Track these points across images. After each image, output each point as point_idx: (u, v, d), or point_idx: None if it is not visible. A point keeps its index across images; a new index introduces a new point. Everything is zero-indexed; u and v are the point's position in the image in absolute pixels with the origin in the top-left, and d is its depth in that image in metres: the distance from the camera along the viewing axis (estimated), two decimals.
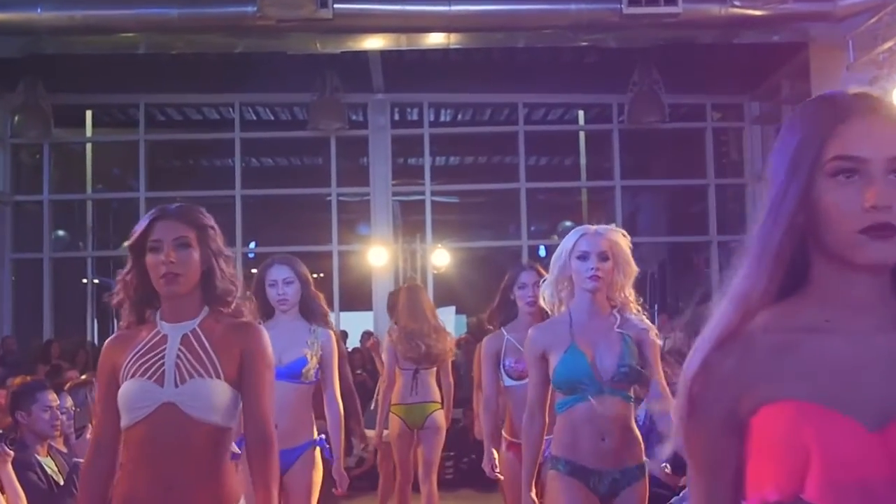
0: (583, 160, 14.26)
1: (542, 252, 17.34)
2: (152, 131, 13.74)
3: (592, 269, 3.68)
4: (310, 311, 4.79)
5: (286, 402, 4.43)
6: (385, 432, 7.11)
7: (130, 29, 9.45)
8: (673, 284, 15.39)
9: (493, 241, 16.38)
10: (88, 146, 13.72)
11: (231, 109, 13.36)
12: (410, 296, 7.02)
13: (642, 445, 3.79)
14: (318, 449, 4.69)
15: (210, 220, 2.85)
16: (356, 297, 13.59)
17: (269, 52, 11.19)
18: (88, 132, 13.76)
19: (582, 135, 14.19)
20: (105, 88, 12.77)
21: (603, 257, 3.71)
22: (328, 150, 13.14)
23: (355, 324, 12.82)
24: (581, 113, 14.11)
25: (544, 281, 4.41)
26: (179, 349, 2.71)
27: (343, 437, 4.88)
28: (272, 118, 14.29)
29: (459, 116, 14.33)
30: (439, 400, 7.01)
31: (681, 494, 5.12)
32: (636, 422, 3.87)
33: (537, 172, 14.66)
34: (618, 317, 3.75)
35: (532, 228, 13.54)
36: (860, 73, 8.77)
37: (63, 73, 11.89)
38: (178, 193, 15.45)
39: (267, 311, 4.75)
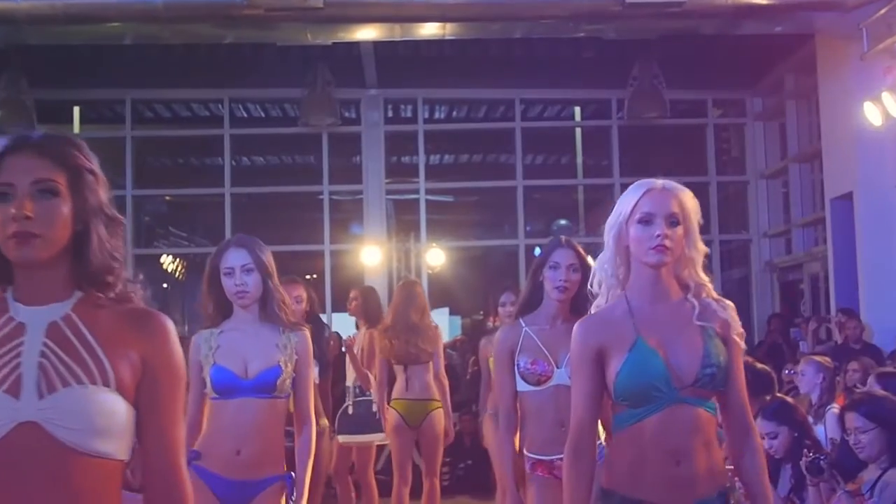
0: (580, 158, 14.00)
1: (537, 252, 17.14)
2: (140, 128, 13.42)
3: (659, 235, 2.75)
4: (268, 310, 3.96)
5: (256, 423, 3.83)
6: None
7: (114, 18, 9.10)
8: None
9: (490, 241, 16.14)
10: None
11: (220, 106, 13.05)
12: (401, 292, 7.09)
13: (726, 464, 2.94)
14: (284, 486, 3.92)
15: (92, 162, 1.97)
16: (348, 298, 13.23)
17: (259, 43, 10.94)
18: (76, 128, 13.42)
19: (580, 131, 13.92)
20: (91, 83, 12.43)
21: (672, 221, 2.79)
22: (320, 148, 12.84)
23: (347, 325, 12.49)
24: (577, 109, 13.82)
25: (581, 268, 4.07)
26: (45, 343, 1.83)
27: (311, 469, 4.02)
28: (263, 115, 14.00)
29: (454, 113, 14.04)
30: (438, 398, 6.89)
31: None
32: None
33: (534, 171, 14.41)
34: (695, 303, 2.83)
35: (528, 228, 13.24)
36: (874, 62, 8.48)
37: (47, 68, 11.57)
38: (167, 191, 15.25)
39: (223, 309, 3.99)
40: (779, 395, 5.09)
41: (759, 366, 5.21)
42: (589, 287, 3.02)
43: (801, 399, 5.73)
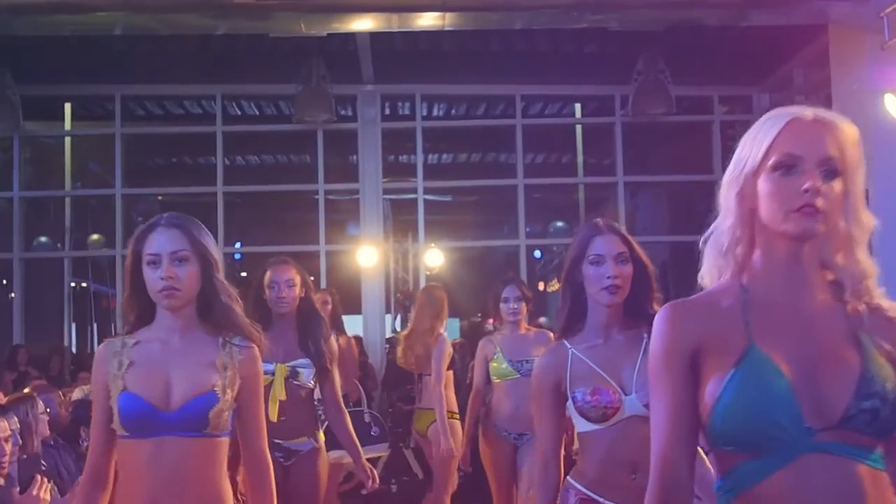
0: (580, 157, 13.67)
1: (537, 254, 16.86)
2: (131, 125, 13.09)
3: (807, 190, 1.78)
4: (212, 316, 2.95)
5: (181, 472, 2.79)
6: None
7: (103, 7, 8.78)
8: (676, 287, 14.76)
9: (490, 241, 15.86)
10: (67, 141, 13.03)
11: (213, 102, 12.70)
12: (419, 297, 7.14)
13: None
14: None
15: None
16: (345, 300, 12.88)
17: (252, 37, 10.62)
18: (67, 125, 13.08)
19: (582, 129, 13.58)
20: (79, 79, 12.11)
21: (828, 169, 1.82)
22: (315, 145, 12.51)
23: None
24: (578, 106, 13.49)
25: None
26: None
27: None
28: (256, 113, 13.67)
29: (453, 111, 13.71)
30: (425, 404, 6.57)
31: None
32: None
33: (534, 170, 14.11)
34: (857, 305, 1.82)
35: (527, 229, 12.91)
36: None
37: (34, 63, 11.27)
38: (157, 190, 14.92)
39: (149, 313, 2.97)
40: None
41: None
42: (699, 280, 2.01)
43: None
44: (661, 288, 3.28)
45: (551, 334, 5.76)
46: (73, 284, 14.30)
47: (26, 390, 5.45)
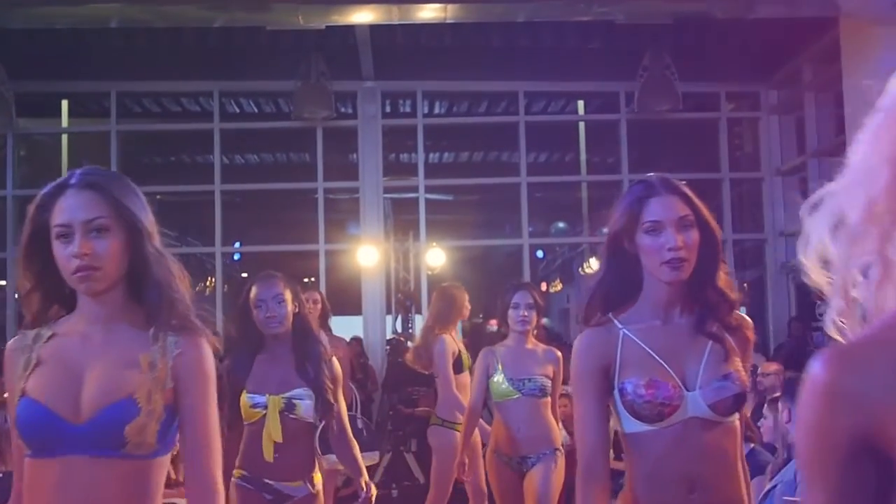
0: (584, 155, 13.45)
1: (540, 254, 16.67)
2: (127, 122, 12.88)
3: None
4: (145, 301, 2.23)
5: (92, 502, 2.12)
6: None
7: None
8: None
9: (493, 240, 15.65)
10: (64, 138, 12.80)
11: (210, 99, 12.48)
12: (433, 295, 6.69)
13: None
14: None
15: None
16: (344, 300, 12.74)
17: (250, 31, 10.42)
18: (64, 122, 12.86)
19: (586, 126, 13.36)
20: (74, 75, 11.89)
21: None
22: (314, 143, 12.29)
23: (343, 329, 11.99)
24: (581, 103, 13.27)
25: None
26: None
27: None
28: (255, 110, 13.46)
29: (455, 108, 13.50)
30: (442, 414, 6.21)
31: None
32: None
33: (537, 169, 13.92)
34: None
35: (530, 229, 12.70)
36: None
37: (28, 59, 11.05)
38: (154, 189, 14.67)
39: (61, 300, 2.30)
40: None
41: None
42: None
43: None
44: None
45: (559, 354, 5.50)
46: None
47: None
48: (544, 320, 5.94)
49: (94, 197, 2.18)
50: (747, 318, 2.69)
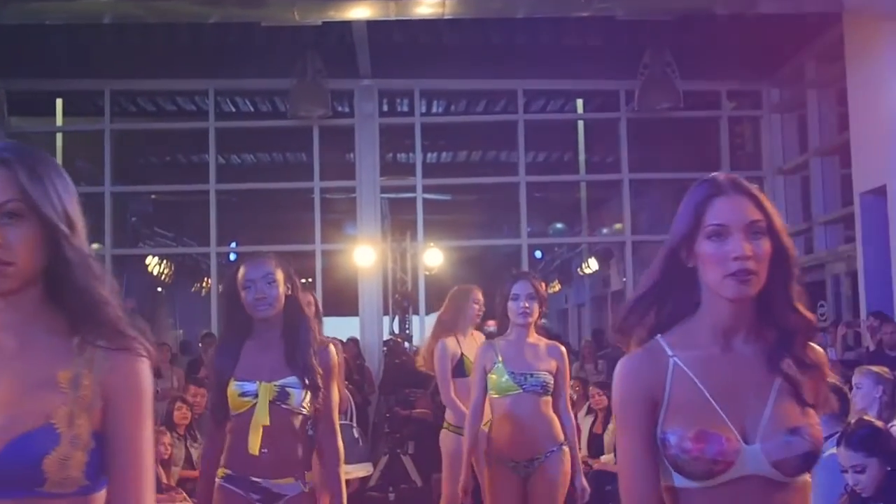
0: (582, 155, 13.33)
1: (538, 255, 16.53)
2: (122, 121, 12.75)
3: None
4: (64, 303, 1.74)
5: None
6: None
7: None
8: None
9: (492, 241, 15.53)
10: (59, 137, 12.66)
11: (205, 98, 12.34)
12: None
13: None
14: None
15: None
16: (341, 301, 12.62)
17: (245, 28, 10.27)
18: (59, 121, 12.72)
19: (585, 125, 13.23)
20: (68, 73, 11.75)
21: None
22: (310, 142, 12.16)
23: (340, 330, 11.87)
24: (580, 102, 13.14)
25: None
26: None
27: None
28: (251, 109, 13.33)
29: (453, 107, 13.36)
30: (449, 419, 5.96)
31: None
32: None
33: (536, 168, 13.80)
34: None
35: (528, 229, 12.57)
36: None
37: (20, 57, 10.91)
38: (149, 188, 14.60)
39: None
40: (866, 418, 4.31)
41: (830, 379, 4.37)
42: None
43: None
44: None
45: (563, 348, 5.14)
46: None
47: None
48: (543, 321, 5.53)
49: (5, 175, 1.70)
50: (822, 351, 2.14)
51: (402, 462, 9.34)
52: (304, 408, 3.72)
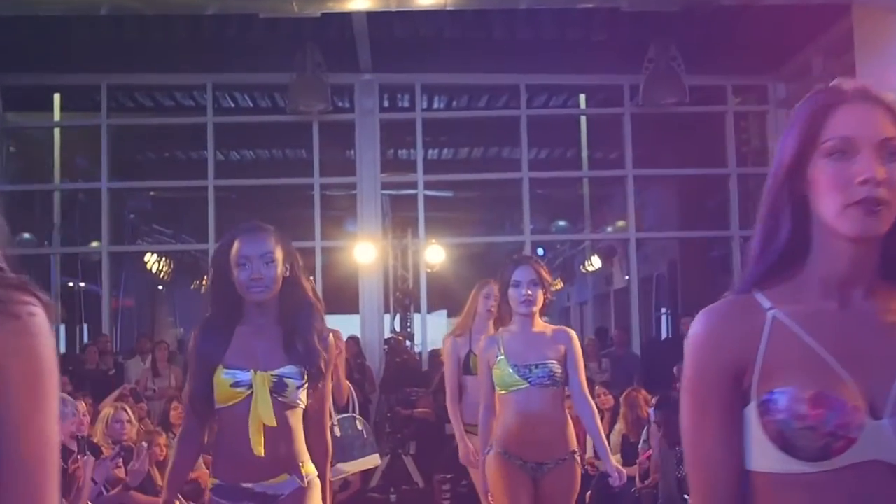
0: (585, 151, 13.16)
1: (540, 252, 16.37)
2: (119, 116, 12.61)
3: None
4: None
5: None
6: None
7: None
8: (686, 285, 14.28)
9: (494, 237, 15.39)
10: (56, 133, 12.50)
11: (203, 93, 12.18)
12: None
13: None
14: None
15: None
16: (341, 299, 12.46)
17: (243, 18, 10.11)
18: (56, 116, 12.56)
19: (588, 121, 13.06)
20: (64, 67, 11.58)
21: None
22: (310, 138, 12.00)
23: (341, 328, 11.72)
24: (583, 97, 12.97)
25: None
26: None
27: None
28: (250, 104, 13.17)
29: (454, 102, 13.20)
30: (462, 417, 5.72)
31: None
32: None
33: (538, 165, 13.64)
34: None
35: (531, 226, 12.42)
36: None
37: (15, 51, 10.77)
38: (146, 184, 14.44)
39: None
40: None
41: None
42: None
43: None
44: (668, 284, 2.18)
45: (572, 331, 4.77)
46: (70, 284, 13.94)
47: None
48: (544, 319, 5.19)
49: None
50: None
51: (404, 462, 9.20)
52: (302, 400, 3.33)
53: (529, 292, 4.55)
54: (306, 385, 3.31)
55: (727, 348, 1.54)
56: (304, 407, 3.35)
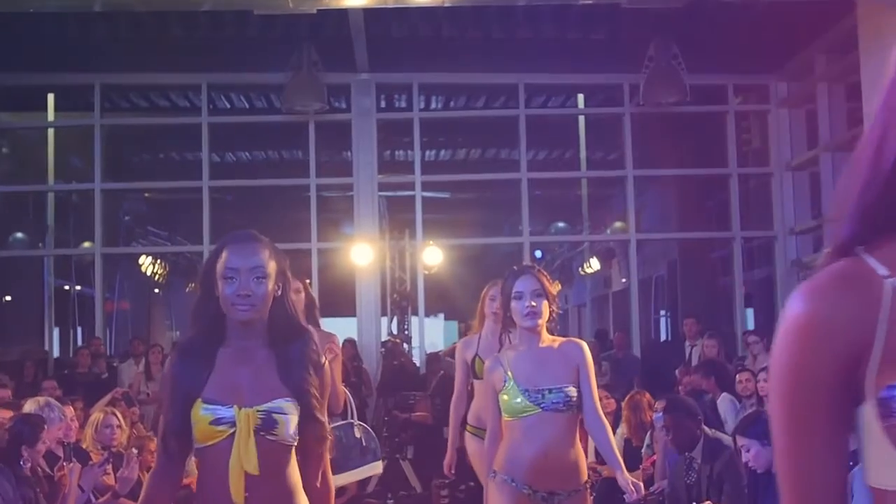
0: (583, 152, 13.04)
1: (538, 254, 16.24)
2: (114, 117, 12.46)
3: None
4: None
5: None
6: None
7: None
8: (686, 287, 14.16)
9: (493, 238, 15.25)
10: (50, 133, 12.34)
11: (198, 94, 12.03)
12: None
13: None
14: None
15: None
16: (338, 301, 12.33)
17: (239, 16, 9.99)
18: (50, 116, 12.41)
19: (587, 121, 12.93)
20: (57, 67, 11.43)
21: None
22: (306, 138, 11.86)
23: (337, 331, 11.56)
24: (581, 97, 12.84)
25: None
26: None
27: None
28: (246, 105, 13.03)
29: (452, 103, 13.07)
30: (470, 420, 5.55)
31: None
32: None
33: (536, 166, 13.52)
34: None
35: (529, 228, 12.29)
36: None
37: (6, 48, 10.61)
38: (140, 185, 14.29)
39: None
40: None
41: None
42: None
43: None
44: (668, 286, 1.93)
45: (583, 343, 4.34)
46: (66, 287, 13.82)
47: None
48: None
49: None
50: None
51: (401, 467, 9.05)
52: (294, 438, 2.86)
53: (534, 303, 4.15)
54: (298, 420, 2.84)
55: (839, 333, 1.16)
56: (295, 444, 2.87)
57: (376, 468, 5.56)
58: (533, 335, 4.20)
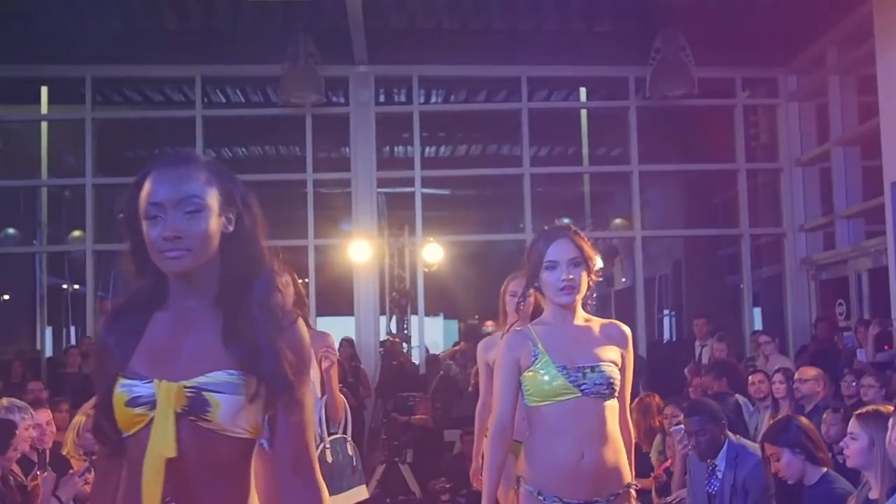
0: (586, 148, 12.76)
1: None
2: (106, 110, 12.20)
3: None
4: None
5: None
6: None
7: None
8: (692, 286, 13.92)
9: (495, 235, 15.02)
10: (43, 127, 12.07)
11: (192, 85, 11.76)
12: None
13: None
14: None
15: None
16: (336, 299, 12.08)
17: (233, 7, 9.74)
18: (44, 109, 12.14)
19: (591, 115, 12.65)
20: (49, 59, 11.17)
21: None
22: (303, 132, 11.60)
23: (334, 330, 11.32)
24: (583, 90, 12.57)
25: None
26: None
27: None
28: (241, 99, 12.76)
29: (453, 96, 12.80)
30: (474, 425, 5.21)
31: None
32: None
33: (539, 162, 13.28)
34: None
35: (531, 225, 12.03)
36: None
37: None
38: (133, 180, 13.99)
39: None
40: None
41: None
42: None
43: None
44: (672, 285, 1.85)
45: (628, 330, 3.50)
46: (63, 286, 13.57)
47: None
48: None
49: None
50: None
51: (400, 471, 8.80)
52: (245, 428, 2.00)
53: (571, 276, 3.32)
54: (256, 401, 1.99)
55: None
56: (249, 437, 2.01)
57: (362, 492, 5.05)
58: (567, 312, 3.41)
